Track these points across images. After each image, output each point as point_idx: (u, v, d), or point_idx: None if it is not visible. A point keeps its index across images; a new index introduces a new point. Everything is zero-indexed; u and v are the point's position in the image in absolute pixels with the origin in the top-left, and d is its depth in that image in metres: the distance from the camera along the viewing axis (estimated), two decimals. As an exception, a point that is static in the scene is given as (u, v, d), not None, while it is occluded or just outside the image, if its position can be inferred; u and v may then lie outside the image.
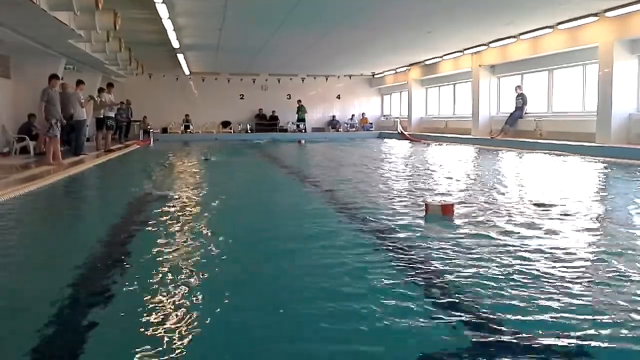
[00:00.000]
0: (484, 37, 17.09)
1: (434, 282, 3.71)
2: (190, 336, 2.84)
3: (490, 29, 15.59)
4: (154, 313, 3.15)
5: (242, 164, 14.50)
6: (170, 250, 4.60)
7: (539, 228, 5.31)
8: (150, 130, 23.95)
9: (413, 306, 3.23)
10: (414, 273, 3.90)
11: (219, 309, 3.22)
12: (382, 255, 4.42)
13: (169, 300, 3.35)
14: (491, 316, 3.08)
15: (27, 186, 8.24)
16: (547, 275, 3.78)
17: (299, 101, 28.84)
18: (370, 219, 5.92)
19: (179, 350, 2.68)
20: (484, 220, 5.71)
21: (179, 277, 3.80)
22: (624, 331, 2.86)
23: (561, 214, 5.97)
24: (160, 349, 2.68)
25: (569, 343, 2.73)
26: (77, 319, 3.17)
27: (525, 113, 17.79)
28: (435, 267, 4.05)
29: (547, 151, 14.55)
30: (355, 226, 5.64)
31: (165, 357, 2.59)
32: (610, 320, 2.99)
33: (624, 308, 3.17)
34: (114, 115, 16.47)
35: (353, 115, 30.64)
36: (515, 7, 12.44)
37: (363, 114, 30.73)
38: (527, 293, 3.43)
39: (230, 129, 28.57)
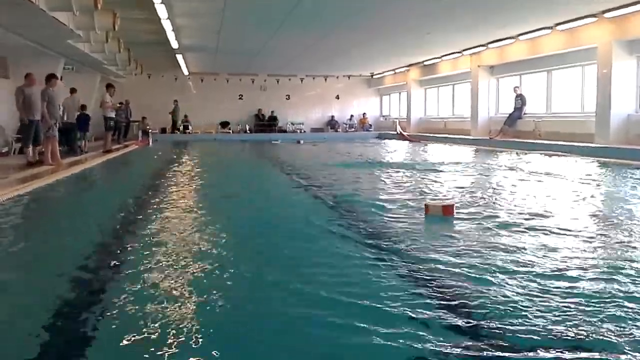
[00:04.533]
0: (482, 37, 17.11)
1: (433, 283, 3.71)
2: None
3: (489, 29, 15.60)
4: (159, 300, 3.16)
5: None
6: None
7: (539, 228, 5.32)
8: (149, 131, 23.91)
9: (410, 307, 3.23)
10: (412, 273, 3.90)
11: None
12: (381, 255, 4.42)
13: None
14: (491, 318, 3.08)
15: (27, 186, 8.25)
16: (547, 276, 3.79)
17: (175, 101, 26.46)
18: (370, 218, 5.93)
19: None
20: (484, 221, 5.72)
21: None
22: (624, 334, 2.86)
23: (560, 215, 5.98)
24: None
25: (569, 346, 2.73)
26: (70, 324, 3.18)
27: (524, 114, 17.80)
28: (435, 267, 4.05)
29: (546, 152, 14.56)
30: (353, 227, 5.64)
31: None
32: (611, 324, 3.00)
33: (625, 311, 3.17)
34: (113, 116, 16.43)
35: (352, 115, 30.64)
36: (514, 8, 12.45)
37: (364, 114, 30.72)
38: (527, 295, 3.44)
39: (229, 129, 28.55)
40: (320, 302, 3.37)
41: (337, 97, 30.62)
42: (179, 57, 20.55)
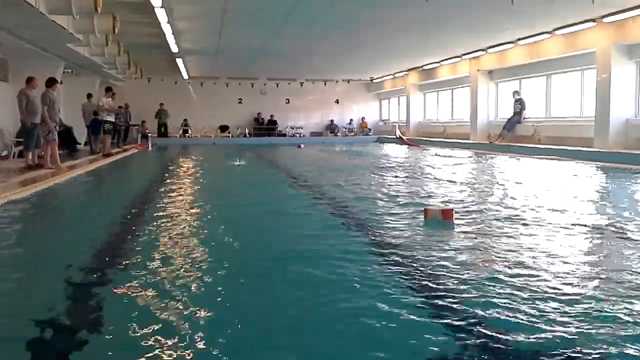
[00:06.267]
0: (482, 42, 17.15)
1: (433, 286, 3.70)
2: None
3: (488, 34, 15.64)
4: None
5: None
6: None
7: (539, 232, 5.32)
8: (149, 135, 23.91)
9: (410, 310, 3.22)
10: (412, 277, 3.89)
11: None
12: (381, 259, 4.41)
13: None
14: (490, 320, 3.07)
15: (26, 189, 8.24)
16: (547, 279, 3.78)
17: (161, 104, 26.41)
18: (369, 223, 5.92)
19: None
20: (483, 225, 5.71)
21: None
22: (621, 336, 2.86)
23: (560, 218, 5.97)
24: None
25: (568, 348, 2.72)
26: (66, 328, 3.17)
27: (524, 118, 17.82)
28: (435, 271, 4.04)
29: (545, 156, 14.57)
30: (353, 230, 5.64)
31: None
32: (610, 328, 2.99)
33: (624, 312, 3.17)
34: (113, 120, 16.42)
35: (351, 119, 30.67)
36: (514, 12, 12.48)
37: (363, 118, 30.76)
38: (526, 296, 3.43)
39: (229, 133, 28.56)
40: (320, 302, 3.37)
41: (337, 102, 30.66)
42: (179, 61, 20.58)
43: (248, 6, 12.30)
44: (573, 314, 3.13)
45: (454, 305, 3.29)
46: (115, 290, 3.64)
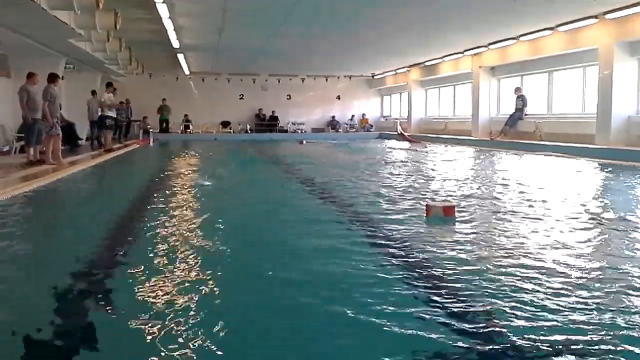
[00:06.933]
0: (483, 38, 17.10)
1: (435, 283, 3.70)
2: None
3: (490, 30, 15.58)
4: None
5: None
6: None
7: (540, 229, 5.32)
8: (150, 130, 23.89)
9: (411, 308, 3.22)
10: (414, 275, 3.90)
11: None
12: (382, 257, 4.41)
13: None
14: (493, 316, 3.08)
15: (26, 185, 8.25)
16: (547, 277, 3.78)
17: (164, 100, 26.43)
18: (371, 220, 5.92)
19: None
20: (485, 221, 5.72)
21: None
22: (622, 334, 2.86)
23: (561, 216, 5.97)
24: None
25: (567, 345, 2.73)
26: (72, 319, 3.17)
27: (525, 114, 17.78)
28: (436, 268, 4.04)
29: (546, 153, 14.54)
30: (354, 227, 5.65)
31: None
32: (610, 323, 2.99)
33: (624, 310, 3.17)
34: (114, 115, 16.42)
35: (353, 115, 30.64)
36: (515, 8, 12.44)
37: (363, 114, 30.73)
38: (526, 294, 3.43)
39: (230, 129, 28.55)
40: (322, 300, 3.38)
41: (338, 98, 30.60)
42: (180, 56, 20.56)
43: (248, 6, 12.29)
44: (576, 311, 3.14)
45: (456, 302, 3.30)
46: (114, 289, 3.65)
